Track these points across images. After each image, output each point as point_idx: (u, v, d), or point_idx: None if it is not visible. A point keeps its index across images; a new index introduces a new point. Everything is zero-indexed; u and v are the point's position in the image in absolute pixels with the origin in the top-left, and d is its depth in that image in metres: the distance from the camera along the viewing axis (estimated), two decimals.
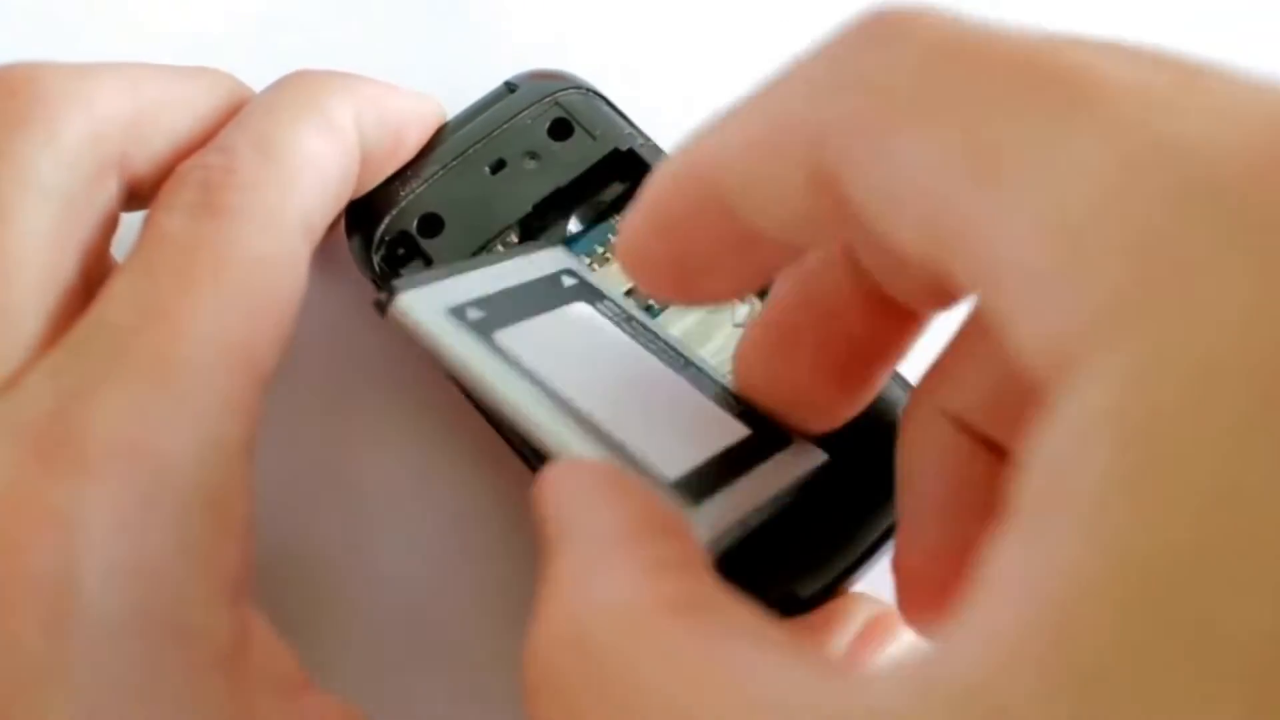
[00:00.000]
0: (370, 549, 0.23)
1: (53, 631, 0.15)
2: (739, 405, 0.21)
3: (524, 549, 0.23)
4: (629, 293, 0.24)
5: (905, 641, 0.20)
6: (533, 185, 0.24)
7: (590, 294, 0.22)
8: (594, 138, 0.25)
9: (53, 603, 0.15)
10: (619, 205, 0.25)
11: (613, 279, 0.24)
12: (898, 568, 0.19)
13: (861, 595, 0.21)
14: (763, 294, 0.24)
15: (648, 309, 0.24)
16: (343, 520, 0.23)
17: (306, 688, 0.18)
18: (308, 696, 0.18)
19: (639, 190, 0.17)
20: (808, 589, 0.21)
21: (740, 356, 0.20)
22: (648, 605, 0.14)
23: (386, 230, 0.24)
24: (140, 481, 0.16)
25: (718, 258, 0.17)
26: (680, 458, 0.18)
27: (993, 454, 0.17)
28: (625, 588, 0.14)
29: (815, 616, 0.20)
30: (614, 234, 0.25)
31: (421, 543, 0.23)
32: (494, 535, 0.23)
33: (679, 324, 0.24)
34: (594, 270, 0.24)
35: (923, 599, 0.18)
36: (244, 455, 0.18)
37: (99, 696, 0.15)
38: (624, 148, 0.25)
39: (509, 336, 0.18)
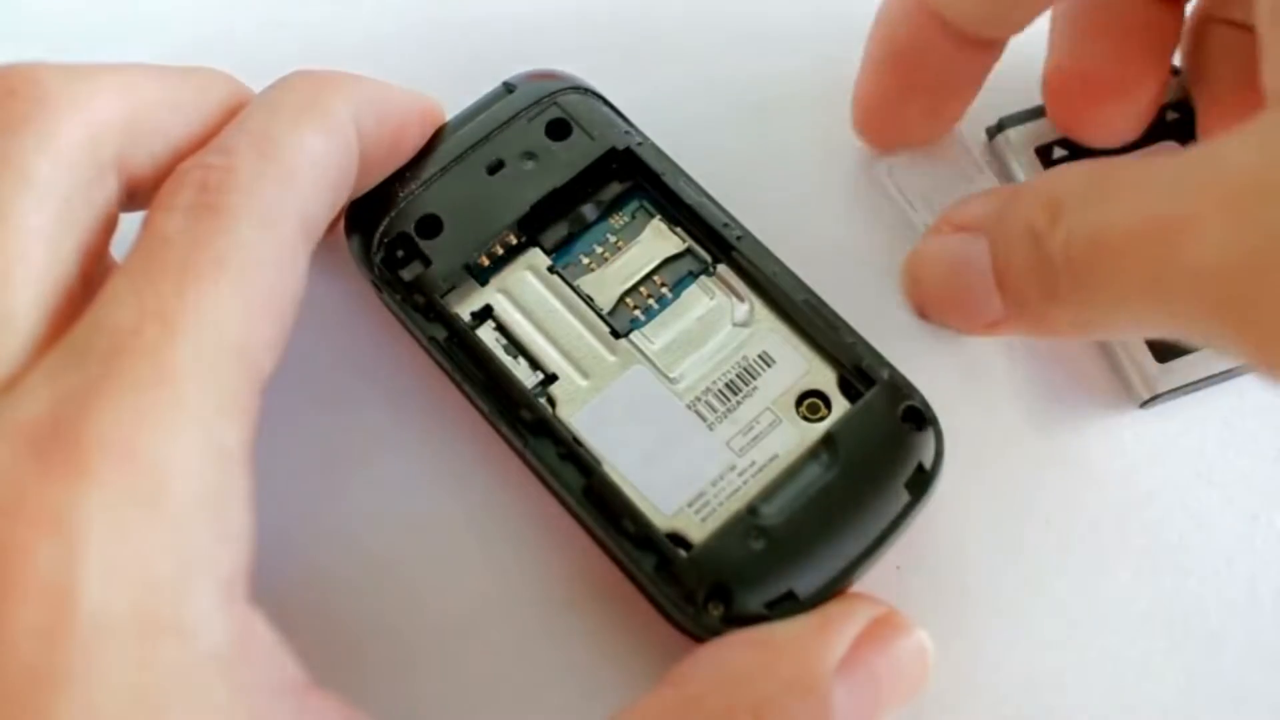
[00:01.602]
0: (370, 549, 0.23)
1: (50, 633, 0.15)
2: None
3: (524, 547, 0.23)
4: (625, 295, 0.24)
5: (907, 644, 0.20)
6: (531, 185, 0.24)
7: None
8: (592, 138, 0.25)
9: (50, 604, 0.15)
10: (618, 205, 0.25)
11: (611, 280, 0.24)
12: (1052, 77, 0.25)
13: (861, 595, 0.21)
14: (764, 295, 0.24)
15: (646, 310, 0.24)
16: (342, 520, 0.23)
17: (307, 688, 0.18)
18: (309, 697, 0.18)
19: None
20: (807, 589, 0.21)
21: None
22: None
23: (386, 231, 0.24)
24: (138, 484, 0.16)
25: (936, 72, 0.24)
26: None
27: None
28: None
29: (815, 615, 0.20)
30: (613, 234, 0.25)
31: (421, 542, 0.23)
32: (494, 534, 0.23)
33: (679, 323, 0.24)
34: (592, 271, 0.24)
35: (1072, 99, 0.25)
36: (241, 456, 0.18)
37: (97, 698, 0.15)
38: (622, 147, 0.25)
39: None
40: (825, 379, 0.23)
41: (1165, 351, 0.24)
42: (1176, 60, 0.26)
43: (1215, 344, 0.18)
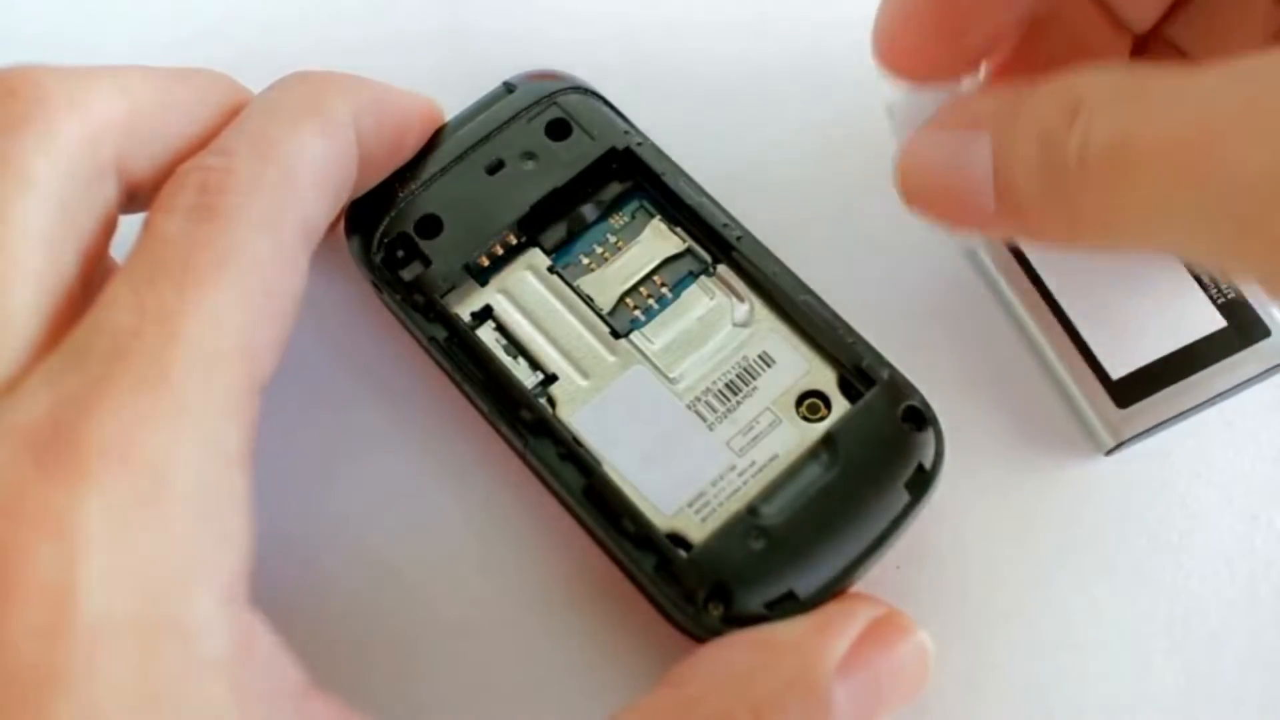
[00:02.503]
0: (369, 552, 0.23)
1: (50, 636, 0.15)
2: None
3: (524, 547, 0.23)
4: (625, 295, 0.24)
5: (908, 644, 0.20)
6: (531, 185, 0.24)
7: None
8: (592, 138, 0.25)
9: (50, 607, 0.15)
10: (618, 205, 0.25)
11: (612, 280, 0.24)
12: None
13: (862, 595, 0.21)
14: (764, 295, 0.24)
15: (646, 310, 0.24)
16: (342, 523, 0.23)
17: (308, 690, 0.18)
18: (309, 699, 0.18)
19: None
20: (808, 589, 0.21)
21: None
22: None
23: (386, 231, 0.24)
24: (138, 485, 0.16)
25: None
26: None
27: None
28: None
29: (816, 616, 0.20)
30: (613, 234, 0.25)
31: (422, 543, 0.23)
32: (494, 534, 0.23)
33: (679, 323, 0.24)
34: (592, 271, 0.24)
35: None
36: (241, 458, 0.18)
37: (97, 701, 0.15)
38: (622, 147, 0.25)
39: None
40: (825, 379, 0.23)
41: (1126, 396, 0.24)
42: None
43: (1232, 267, 0.17)
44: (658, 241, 0.24)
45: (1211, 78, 0.17)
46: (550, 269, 0.24)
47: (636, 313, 0.24)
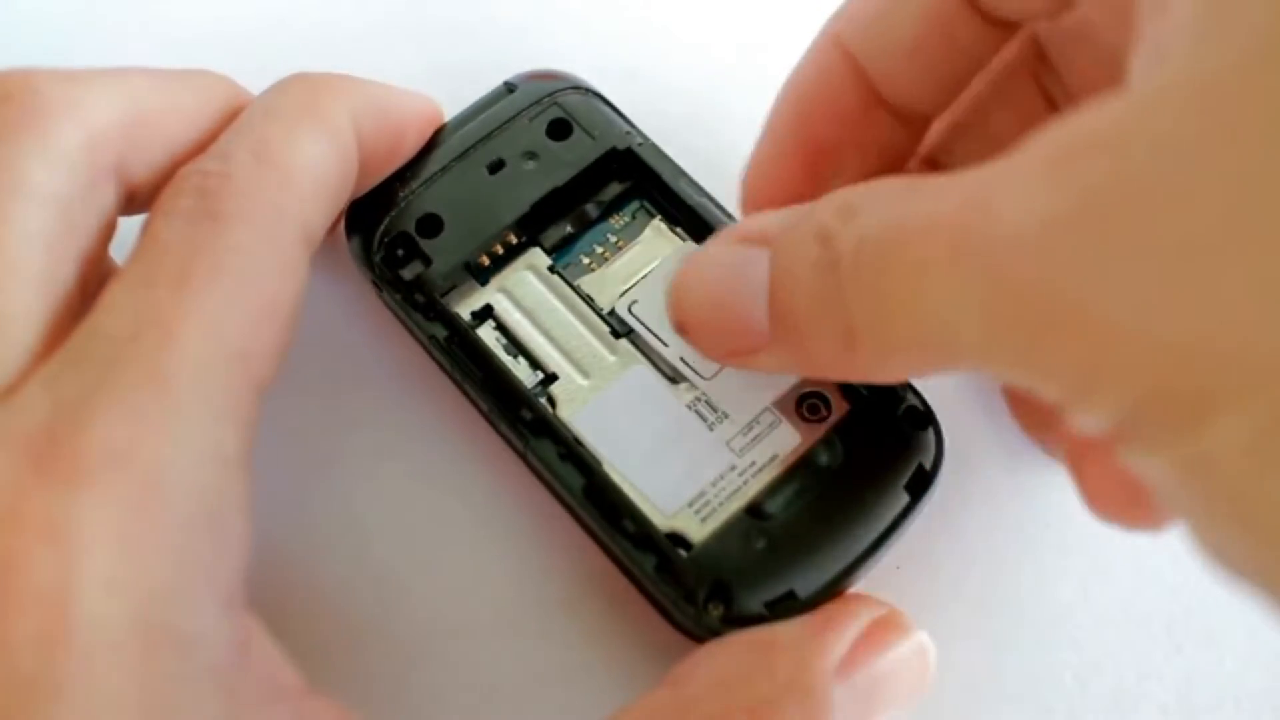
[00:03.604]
0: (369, 553, 0.23)
1: (48, 643, 0.15)
2: None
3: (524, 547, 0.23)
4: (626, 294, 0.24)
5: (908, 645, 0.20)
6: (532, 185, 0.24)
7: None
8: (593, 138, 0.25)
9: (48, 614, 0.15)
10: (618, 205, 0.25)
11: (612, 280, 0.24)
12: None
13: (862, 595, 0.21)
14: None
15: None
16: (341, 524, 0.23)
17: (304, 694, 0.18)
18: (306, 703, 0.18)
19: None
20: (808, 589, 0.21)
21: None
22: None
23: (386, 230, 0.24)
24: (136, 492, 0.16)
25: (846, 132, 0.22)
26: None
27: None
28: None
29: (815, 616, 0.20)
30: (613, 234, 0.25)
31: (420, 546, 0.23)
32: (494, 534, 0.23)
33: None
34: (593, 271, 0.24)
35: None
36: (240, 463, 0.18)
37: (95, 708, 0.15)
38: (622, 147, 0.25)
39: None
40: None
41: None
42: None
43: (996, 356, 0.15)
44: (658, 241, 0.24)
45: (984, 167, 0.15)
46: (551, 268, 0.24)
47: None
